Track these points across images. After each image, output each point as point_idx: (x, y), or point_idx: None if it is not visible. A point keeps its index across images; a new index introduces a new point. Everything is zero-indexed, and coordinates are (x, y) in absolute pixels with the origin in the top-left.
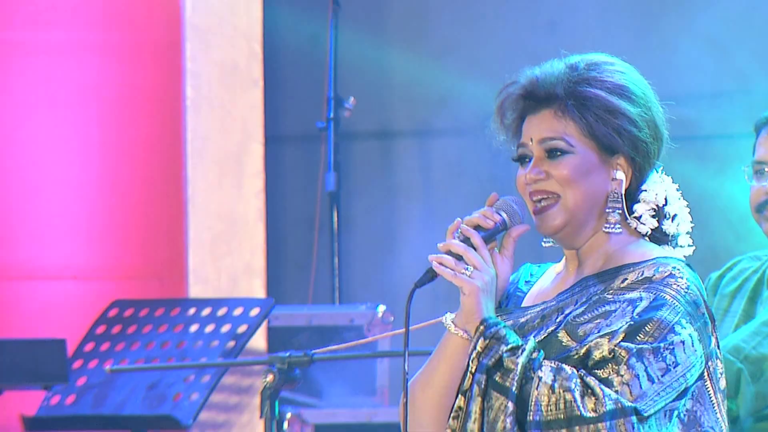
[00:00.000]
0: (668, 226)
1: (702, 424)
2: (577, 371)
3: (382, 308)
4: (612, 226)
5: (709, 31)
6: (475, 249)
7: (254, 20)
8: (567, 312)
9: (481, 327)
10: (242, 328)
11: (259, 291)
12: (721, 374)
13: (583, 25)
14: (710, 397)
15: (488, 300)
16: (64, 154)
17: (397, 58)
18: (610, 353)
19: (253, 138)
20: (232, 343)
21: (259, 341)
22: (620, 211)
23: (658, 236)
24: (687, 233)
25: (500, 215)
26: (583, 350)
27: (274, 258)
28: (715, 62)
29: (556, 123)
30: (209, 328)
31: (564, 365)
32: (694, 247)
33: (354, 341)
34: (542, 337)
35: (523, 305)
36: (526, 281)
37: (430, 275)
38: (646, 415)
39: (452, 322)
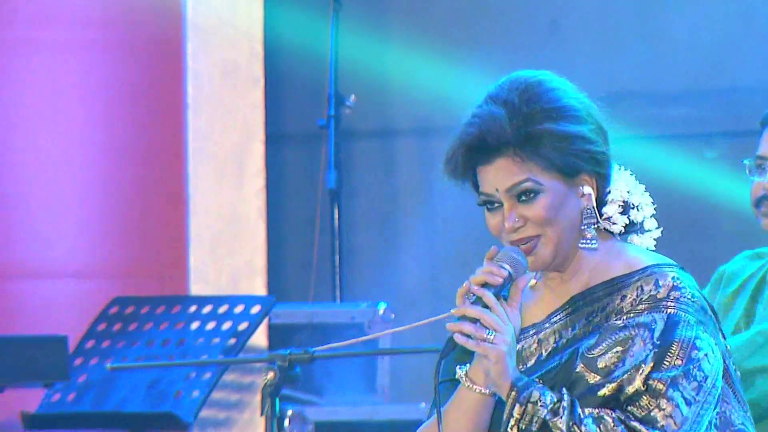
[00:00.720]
0: (635, 215)
1: (734, 423)
2: (614, 413)
3: (383, 306)
4: (588, 241)
5: (711, 28)
6: (489, 308)
7: (255, 19)
8: (566, 336)
9: (513, 393)
10: (243, 326)
11: (260, 290)
12: (736, 369)
13: (584, 25)
14: (734, 395)
15: (513, 359)
16: (65, 153)
17: (398, 56)
18: (644, 386)
19: (254, 137)
20: (233, 341)
21: (260, 339)
22: (595, 225)
23: (629, 229)
24: (652, 216)
25: (505, 269)
26: (614, 385)
27: (275, 256)
28: (717, 60)
29: (516, 168)
30: (210, 326)
31: (603, 413)
32: (661, 228)
33: (355, 339)
34: (553, 366)
35: None
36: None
37: (452, 345)
38: (701, 430)
39: (467, 376)
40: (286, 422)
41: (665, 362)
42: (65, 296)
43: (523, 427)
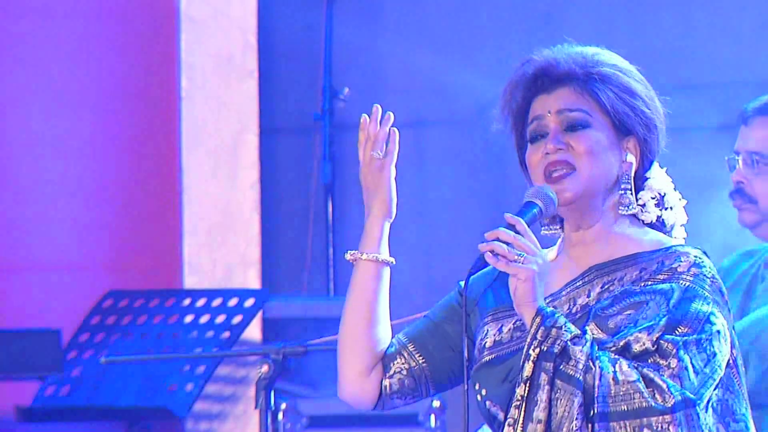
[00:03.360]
0: (668, 216)
1: (735, 413)
2: (628, 360)
3: None
4: (626, 207)
5: (704, 22)
6: (521, 235)
7: (249, 11)
8: (582, 303)
9: (538, 318)
10: (237, 319)
11: (254, 282)
12: (741, 362)
13: (579, 17)
14: (737, 385)
15: (541, 284)
16: (59, 145)
17: (392, 49)
18: (653, 346)
19: (248, 129)
20: (226, 334)
21: (253, 332)
22: (631, 193)
23: (656, 225)
24: (682, 225)
25: (535, 203)
26: (621, 343)
27: (268, 249)
28: (709, 53)
29: (575, 98)
30: (204, 319)
31: (618, 356)
32: (686, 237)
33: None
34: None
35: None
36: None
37: (482, 262)
38: (702, 404)
39: (353, 252)
40: (280, 415)
41: (678, 329)
42: (59, 289)
43: (545, 348)
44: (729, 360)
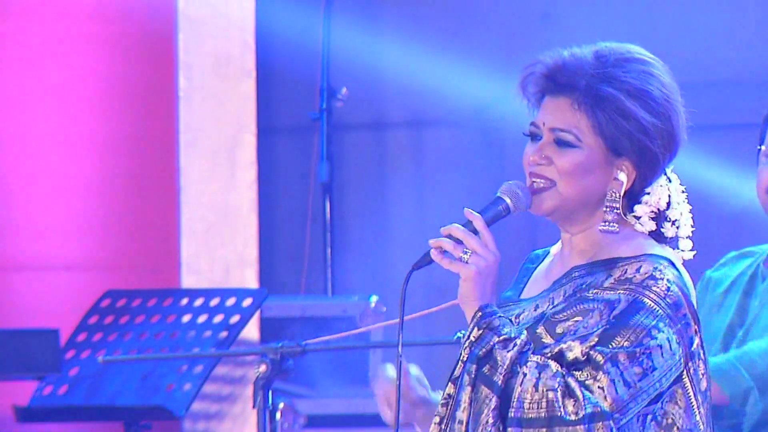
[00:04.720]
0: (667, 230)
1: (681, 428)
2: (560, 367)
3: (374, 299)
4: (608, 224)
5: (704, 22)
6: (477, 233)
7: (247, 11)
8: (557, 303)
9: (477, 314)
10: (235, 319)
11: (251, 282)
12: (703, 375)
13: (578, 17)
14: (689, 399)
15: (487, 285)
16: (57, 145)
17: (390, 48)
18: (584, 356)
19: (246, 129)
20: (224, 334)
21: (251, 332)
22: (617, 211)
23: (657, 238)
24: (687, 237)
25: (503, 200)
26: (555, 350)
27: (267, 249)
28: (709, 52)
29: (569, 114)
30: (202, 319)
31: (550, 362)
32: (694, 252)
33: (347, 332)
34: (522, 325)
35: (523, 296)
36: (526, 269)
37: (427, 259)
38: (624, 420)
39: None
40: (278, 415)
41: (613, 341)
42: (57, 289)
43: (472, 350)
44: (682, 374)
